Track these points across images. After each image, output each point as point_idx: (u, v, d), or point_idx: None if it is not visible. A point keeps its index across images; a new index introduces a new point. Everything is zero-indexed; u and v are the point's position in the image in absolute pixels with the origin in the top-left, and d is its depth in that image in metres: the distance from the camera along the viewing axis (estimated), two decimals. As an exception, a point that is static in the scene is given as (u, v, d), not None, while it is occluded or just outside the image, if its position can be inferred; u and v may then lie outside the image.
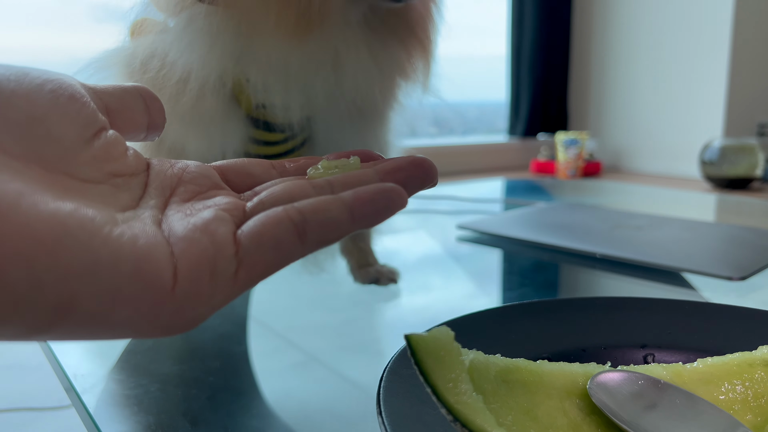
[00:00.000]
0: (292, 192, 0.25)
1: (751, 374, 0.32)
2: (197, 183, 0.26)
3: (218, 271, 0.21)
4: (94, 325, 0.19)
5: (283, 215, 0.23)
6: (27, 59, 2.48)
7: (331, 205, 0.23)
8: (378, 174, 0.26)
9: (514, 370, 0.32)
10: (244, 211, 0.24)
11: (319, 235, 0.23)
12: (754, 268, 0.63)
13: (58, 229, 0.19)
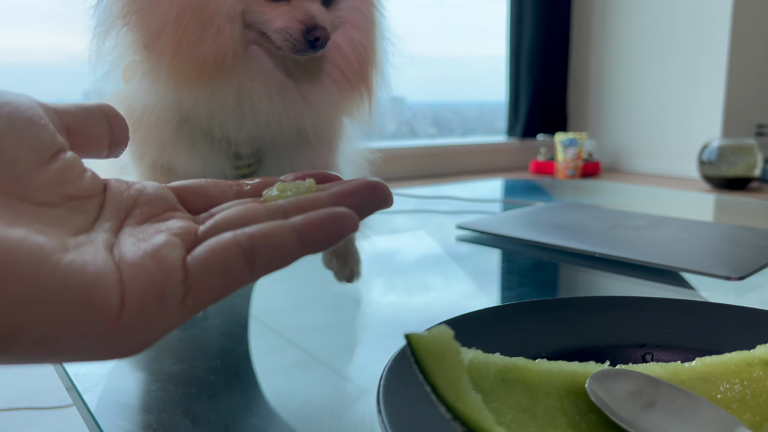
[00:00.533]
0: (245, 217, 0.25)
1: (750, 373, 0.33)
2: (153, 205, 0.26)
3: (166, 298, 0.21)
4: (40, 352, 0.20)
5: (232, 242, 0.23)
6: (27, 59, 2.49)
7: (280, 230, 0.23)
8: (332, 198, 0.26)
9: (514, 369, 0.32)
10: (196, 236, 0.24)
11: (267, 261, 0.23)
12: (752, 268, 0.63)
13: (6, 257, 0.19)
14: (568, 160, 3.09)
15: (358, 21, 0.62)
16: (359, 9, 0.62)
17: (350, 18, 0.61)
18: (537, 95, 3.62)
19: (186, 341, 0.52)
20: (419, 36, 3.63)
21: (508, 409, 0.30)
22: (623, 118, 3.53)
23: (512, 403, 0.30)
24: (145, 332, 0.21)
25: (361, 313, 0.58)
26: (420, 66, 3.64)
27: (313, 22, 0.55)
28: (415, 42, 3.79)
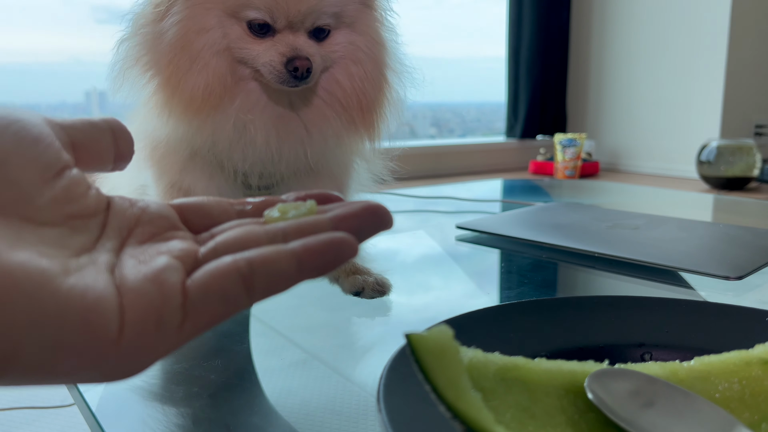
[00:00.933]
0: (245, 240, 0.25)
1: (748, 372, 0.33)
2: (155, 224, 0.26)
3: (164, 322, 0.21)
4: (37, 375, 0.20)
5: (231, 266, 0.23)
6: (28, 60, 2.49)
7: (279, 256, 0.23)
8: (332, 221, 0.26)
9: (513, 368, 0.32)
10: (196, 258, 0.24)
11: (265, 287, 0.23)
12: (751, 268, 0.63)
13: (7, 281, 0.19)
14: (567, 161, 3.09)
15: (356, 56, 0.63)
16: (357, 44, 0.63)
17: (348, 53, 0.63)
18: (536, 96, 3.62)
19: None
20: (419, 37, 3.63)
21: (507, 408, 0.30)
22: (622, 118, 3.53)
23: (511, 402, 0.30)
24: (142, 356, 0.21)
25: (361, 313, 0.58)
26: (419, 66, 3.63)
27: (293, 53, 0.57)
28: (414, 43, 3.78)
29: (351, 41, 0.62)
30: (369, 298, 0.57)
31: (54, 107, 2.83)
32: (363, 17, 0.63)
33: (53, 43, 2.51)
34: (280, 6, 0.57)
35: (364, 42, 0.63)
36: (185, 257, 0.24)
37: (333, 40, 0.62)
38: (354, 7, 0.62)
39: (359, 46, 0.63)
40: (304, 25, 0.59)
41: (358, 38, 0.63)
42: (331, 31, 0.61)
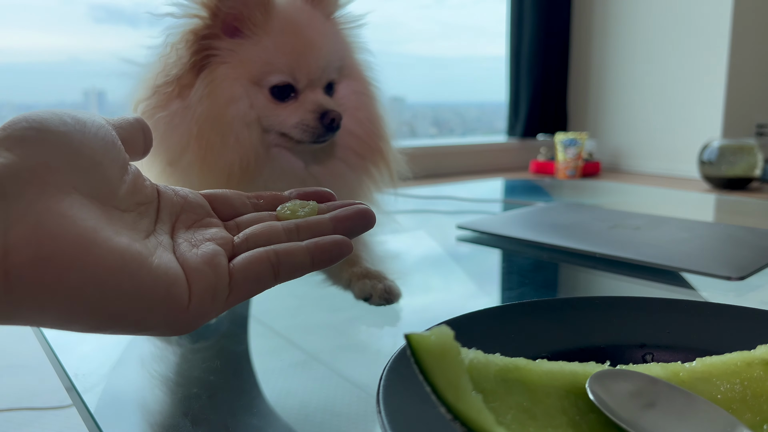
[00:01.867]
0: (270, 235, 0.33)
1: (750, 373, 0.32)
2: (195, 212, 0.34)
3: (217, 296, 0.29)
4: (133, 329, 0.28)
5: (264, 256, 0.31)
6: (27, 59, 2.49)
7: (298, 251, 0.31)
8: (332, 221, 0.34)
9: (514, 369, 0.32)
10: (233, 245, 0.32)
11: (288, 273, 0.31)
12: (752, 268, 0.63)
13: (120, 260, 0.26)
14: (569, 160, 3.09)
15: (360, 102, 0.66)
16: (358, 91, 0.66)
17: (352, 101, 0.66)
18: (537, 95, 3.62)
19: (186, 342, 0.52)
20: (419, 36, 3.63)
21: (508, 409, 0.30)
22: (623, 118, 3.53)
23: (512, 403, 0.30)
24: (201, 319, 0.29)
25: (361, 313, 0.58)
26: (420, 66, 3.64)
27: (324, 108, 0.61)
28: (415, 42, 3.79)
29: (353, 89, 0.66)
30: (376, 305, 0.57)
31: (52, 106, 2.83)
32: (356, 66, 0.67)
33: (51, 42, 2.51)
34: (301, 65, 0.60)
35: (362, 87, 0.67)
36: (225, 244, 0.31)
37: (339, 93, 0.65)
38: (350, 58, 0.66)
39: (360, 92, 0.67)
40: (321, 82, 0.62)
41: (357, 85, 0.67)
42: (335, 85, 0.65)
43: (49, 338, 0.52)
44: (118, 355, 0.50)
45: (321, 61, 0.61)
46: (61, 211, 0.26)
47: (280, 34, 0.60)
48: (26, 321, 0.26)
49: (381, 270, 0.60)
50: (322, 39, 0.62)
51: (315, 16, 0.62)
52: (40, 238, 0.25)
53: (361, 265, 0.61)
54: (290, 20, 0.61)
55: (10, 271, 0.24)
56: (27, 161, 0.26)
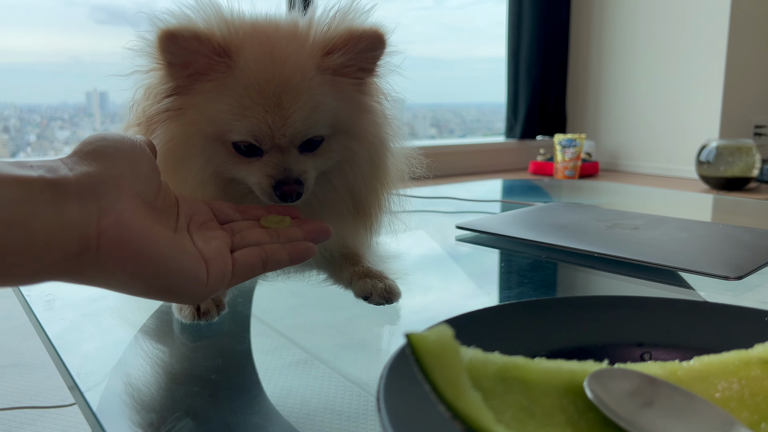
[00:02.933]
0: (259, 237, 0.46)
1: (747, 372, 0.33)
2: (202, 215, 0.46)
3: (224, 278, 0.42)
4: (169, 297, 0.43)
5: (256, 252, 0.44)
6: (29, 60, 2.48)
7: (280, 250, 0.45)
8: (303, 232, 0.48)
9: (513, 367, 0.32)
10: (232, 242, 0.45)
11: (273, 266, 0.45)
12: (750, 268, 0.63)
13: (168, 247, 0.38)
14: (567, 161, 3.09)
15: (353, 161, 0.59)
16: (353, 149, 0.59)
17: (344, 157, 0.59)
18: (536, 96, 3.62)
19: (188, 340, 0.53)
20: (419, 37, 3.63)
21: (507, 407, 0.30)
22: (622, 118, 3.53)
23: (511, 401, 0.31)
24: (212, 293, 0.41)
25: (361, 313, 0.58)
26: (420, 67, 3.64)
27: (281, 177, 0.54)
28: (415, 43, 3.79)
29: (347, 147, 0.58)
30: (376, 304, 0.56)
31: (54, 108, 2.83)
32: (357, 122, 0.59)
33: (53, 44, 2.51)
34: (264, 133, 0.53)
35: (359, 146, 0.59)
36: (228, 242, 0.44)
37: (328, 147, 0.57)
38: (346, 115, 0.57)
39: (355, 150, 0.59)
40: (294, 144, 0.55)
41: (354, 143, 0.59)
42: (326, 138, 0.57)
43: (52, 338, 0.52)
44: (120, 354, 0.50)
45: (289, 129, 0.53)
46: (131, 209, 0.37)
47: (242, 92, 0.53)
48: (102, 284, 0.37)
49: (382, 270, 0.60)
50: (296, 103, 0.53)
51: (296, 70, 0.54)
52: (120, 227, 0.36)
53: (363, 265, 0.61)
54: (257, 76, 0.53)
55: (101, 247, 0.35)
56: (109, 171, 0.37)
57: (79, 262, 0.35)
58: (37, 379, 1.35)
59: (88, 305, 0.63)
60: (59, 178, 0.35)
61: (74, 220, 0.34)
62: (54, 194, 0.34)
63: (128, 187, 0.38)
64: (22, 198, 0.33)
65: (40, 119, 2.86)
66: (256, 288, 0.65)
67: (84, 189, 0.36)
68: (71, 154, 0.38)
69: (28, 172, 0.34)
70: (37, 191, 0.33)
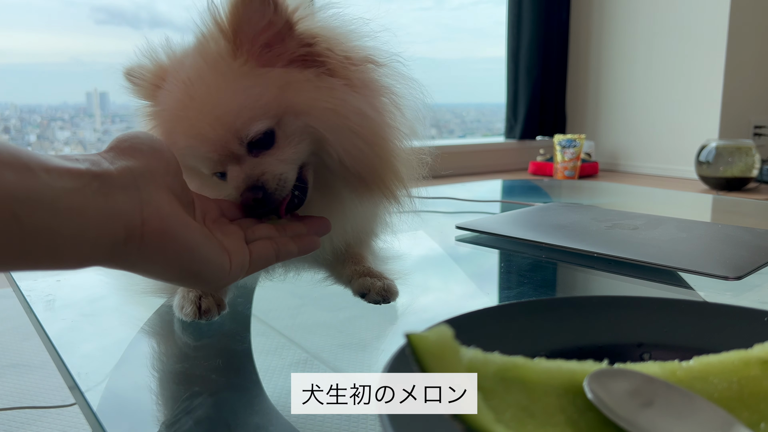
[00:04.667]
0: (268, 231, 0.49)
1: (747, 372, 0.33)
2: (214, 211, 0.48)
3: (243, 268, 0.45)
4: (199, 283, 0.47)
5: (269, 244, 0.48)
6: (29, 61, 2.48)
7: (290, 242, 0.49)
8: (306, 226, 0.52)
9: (512, 367, 0.32)
10: (245, 235, 0.48)
11: (283, 256, 0.49)
12: (750, 268, 0.63)
13: (200, 237, 0.42)
14: (567, 161, 3.09)
15: (321, 135, 0.53)
16: (311, 124, 0.53)
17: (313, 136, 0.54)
18: (536, 97, 3.62)
19: (188, 340, 0.53)
20: (419, 37, 3.63)
21: (506, 407, 0.30)
22: (621, 119, 3.53)
23: (511, 401, 0.31)
24: (233, 280, 0.45)
25: (361, 312, 0.58)
26: (419, 67, 3.63)
27: (239, 189, 0.51)
28: (415, 44, 3.77)
29: (303, 124, 0.53)
30: (373, 303, 0.57)
31: (55, 108, 2.83)
32: (294, 96, 0.52)
33: (54, 44, 2.51)
34: (201, 157, 0.52)
35: (314, 118, 0.53)
36: (242, 235, 0.47)
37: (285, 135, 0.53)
38: (272, 95, 0.52)
39: (313, 125, 0.53)
40: (239, 152, 0.52)
41: (307, 118, 0.53)
42: (276, 130, 0.52)
43: (52, 338, 0.52)
44: (121, 354, 0.50)
45: (215, 143, 0.51)
46: (167, 201, 0.40)
47: (167, 121, 0.53)
48: (141, 269, 0.40)
49: (382, 270, 0.61)
50: (206, 117, 0.50)
51: (201, 80, 0.51)
52: (160, 217, 0.39)
53: (364, 264, 0.61)
54: (172, 101, 0.52)
55: (144, 234, 0.38)
56: (147, 166, 0.40)
57: (125, 249, 0.37)
58: (37, 379, 1.35)
59: (88, 305, 0.63)
60: (103, 171, 0.37)
61: (121, 209, 0.37)
62: (101, 185, 0.36)
63: (162, 181, 0.41)
64: (76, 188, 0.35)
65: (40, 119, 2.86)
66: (256, 288, 0.65)
67: (126, 181, 0.38)
68: (107, 150, 0.40)
69: (76, 165, 0.36)
70: (87, 182, 0.35)
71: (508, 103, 3.69)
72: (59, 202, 0.33)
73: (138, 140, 0.42)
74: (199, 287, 0.48)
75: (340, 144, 0.54)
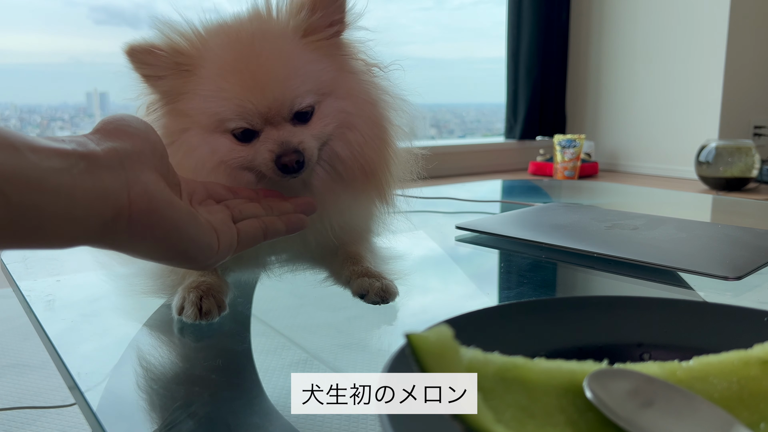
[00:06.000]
0: (255, 211, 0.51)
1: (747, 372, 0.33)
2: (200, 194, 0.50)
3: (231, 246, 0.46)
4: (187, 263, 0.45)
5: (257, 223, 0.49)
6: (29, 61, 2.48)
7: (277, 221, 0.51)
8: (292, 205, 0.53)
9: (512, 367, 0.32)
10: (232, 215, 0.49)
11: (271, 235, 0.50)
12: (749, 268, 0.63)
13: (187, 216, 0.42)
14: (567, 161, 3.09)
15: (349, 121, 0.60)
16: (346, 110, 0.60)
17: (340, 121, 0.60)
18: (535, 97, 3.62)
19: (188, 340, 0.53)
20: (419, 38, 3.63)
21: (506, 407, 0.30)
22: (621, 119, 3.53)
23: (511, 401, 0.31)
24: (221, 259, 0.46)
25: (360, 313, 0.58)
26: (420, 67, 3.64)
27: (281, 150, 0.56)
28: (415, 44, 3.79)
29: (340, 109, 0.60)
30: (372, 303, 0.57)
31: (55, 108, 2.83)
32: (342, 82, 0.60)
33: (53, 44, 2.51)
34: (249, 111, 0.55)
35: (352, 105, 0.60)
36: (228, 215, 0.48)
37: (321, 114, 0.59)
38: (329, 77, 0.59)
39: (349, 111, 0.60)
40: (283, 117, 0.57)
41: (345, 103, 0.60)
42: (316, 107, 0.58)
43: (52, 338, 0.52)
44: (121, 354, 0.50)
45: (272, 100, 0.55)
46: (154, 181, 0.40)
47: (217, 79, 0.55)
48: (130, 249, 0.41)
49: (381, 270, 0.61)
50: (270, 74, 0.55)
51: (264, 43, 0.56)
52: (147, 197, 0.39)
53: (363, 265, 0.61)
54: (227, 60, 0.56)
55: (132, 214, 0.38)
56: (133, 147, 0.40)
57: (113, 228, 0.38)
58: (37, 379, 1.35)
59: (88, 305, 0.63)
60: (90, 152, 0.37)
61: (108, 189, 0.37)
62: (88, 165, 0.36)
63: (148, 162, 0.41)
64: (62, 168, 0.35)
65: (40, 119, 2.86)
66: (256, 288, 0.65)
67: (113, 162, 0.38)
68: (93, 132, 0.41)
69: (62, 145, 0.36)
70: (74, 162, 0.36)
71: (508, 103, 3.69)
72: (46, 182, 0.34)
73: (124, 122, 0.42)
74: (188, 266, 0.47)
75: (363, 132, 0.61)
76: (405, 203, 0.70)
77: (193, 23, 0.58)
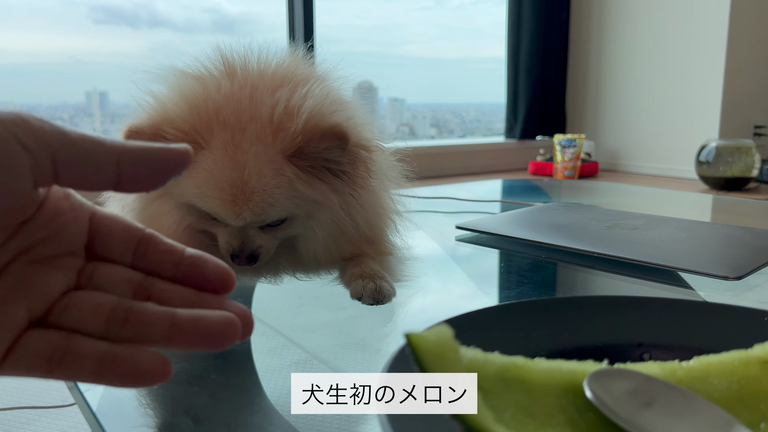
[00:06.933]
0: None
1: (747, 372, 0.33)
2: (59, 245, 0.28)
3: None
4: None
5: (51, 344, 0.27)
6: (28, 61, 2.48)
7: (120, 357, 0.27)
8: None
9: (512, 367, 0.32)
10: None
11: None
12: (750, 268, 0.63)
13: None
14: (567, 161, 3.09)
15: (312, 237, 0.62)
16: (313, 228, 0.61)
17: (305, 233, 0.62)
18: (536, 96, 3.62)
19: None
20: (419, 37, 3.63)
21: (506, 407, 0.30)
22: (621, 118, 3.53)
23: (511, 401, 0.31)
24: None
25: (361, 312, 0.58)
26: (420, 67, 3.64)
27: (236, 250, 0.59)
28: (415, 43, 3.79)
29: (307, 226, 0.61)
30: (368, 305, 0.57)
31: (55, 108, 2.83)
32: (317, 213, 0.61)
33: (53, 44, 2.51)
34: (221, 217, 0.57)
35: (320, 226, 0.62)
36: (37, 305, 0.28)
37: (290, 224, 0.60)
38: (306, 210, 0.59)
39: (315, 229, 0.62)
40: (249, 223, 0.58)
41: (313, 223, 0.61)
42: (289, 219, 0.60)
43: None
44: (120, 354, 0.50)
45: (241, 221, 0.57)
46: None
47: (202, 183, 0.56)
48: None
49: (380, 270, 0.61)
50: (248, 203, 0.56)
51: (252, 174, 0.55)
52: None
53: (361, 266, 0.61)
54: (216, 173, 0.55)
55: None
56: None
57: None
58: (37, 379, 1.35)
59: (88, 305, 0.62)
60: None
61: None
62: None
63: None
64: None
65: (39, 119, 2.84)
66: (256, 288, 0.65)
67: None
68: None
69: None
70: None
71: (508, 103, 3.68)
72: None
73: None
74: None
75: (323, 244, 0.62)
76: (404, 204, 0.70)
77: (201, 106, 0.57)
